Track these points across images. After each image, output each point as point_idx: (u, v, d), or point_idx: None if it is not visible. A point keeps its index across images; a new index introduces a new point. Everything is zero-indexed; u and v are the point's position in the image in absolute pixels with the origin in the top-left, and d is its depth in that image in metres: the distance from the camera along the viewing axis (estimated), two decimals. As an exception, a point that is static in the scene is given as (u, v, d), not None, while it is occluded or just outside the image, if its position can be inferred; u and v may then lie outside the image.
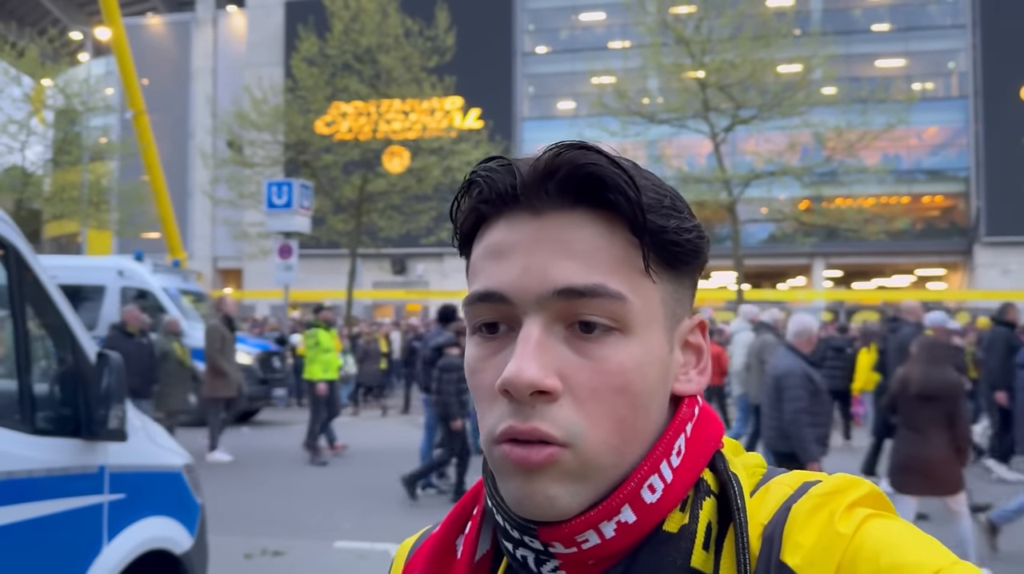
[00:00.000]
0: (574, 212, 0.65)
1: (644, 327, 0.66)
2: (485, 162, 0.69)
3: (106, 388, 3.21)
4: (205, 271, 37.63)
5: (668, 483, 0.66)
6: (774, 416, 5.72)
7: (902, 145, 30.48)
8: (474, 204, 0.69)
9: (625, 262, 0.65)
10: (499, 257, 0.66)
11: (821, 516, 0.63)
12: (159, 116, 33.40)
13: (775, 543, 0.63)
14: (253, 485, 9.23)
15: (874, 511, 0.64)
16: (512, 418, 0.63)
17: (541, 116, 35.51)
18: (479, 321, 0.68)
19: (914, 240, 32.34)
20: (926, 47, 32.82)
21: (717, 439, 0.71)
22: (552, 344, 0.64)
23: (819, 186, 21.30)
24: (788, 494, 0.66)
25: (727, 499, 0.67)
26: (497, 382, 0.63)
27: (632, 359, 0.65)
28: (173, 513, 3.77)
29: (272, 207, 17.56)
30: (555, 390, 0.63)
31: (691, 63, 19.67)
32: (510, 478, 0.65)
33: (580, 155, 0.64)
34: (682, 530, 0.66)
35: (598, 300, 0.64)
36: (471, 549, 0.74)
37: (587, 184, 0.64)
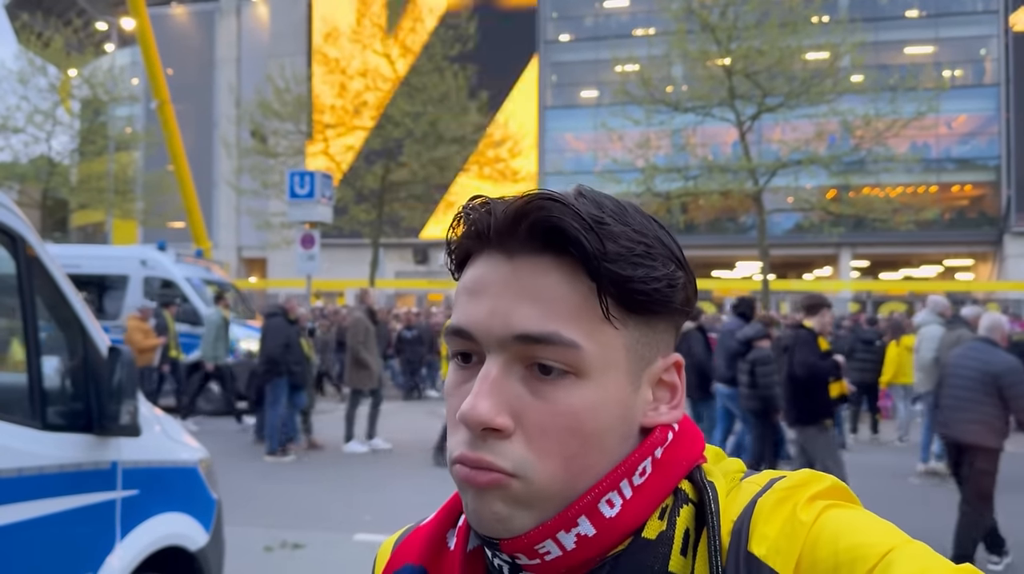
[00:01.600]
0: (541, 257, 0.68)
1: (600, 372, 0.69)
2: (471, 199, 0.73)
3: (118, 382, 3.15)
4: (230, 260, 37.83)
5: (627, 499, 0.69)
6: (982, 410, 5.80)
7: (931, 133, 29.99)
8: (461, 239, 0.73)
9: (585, 309, 0.68)
10: (472, 295, 0.70)
11: (785, 508, 0.66)
12: (183, 106, 33.58)
13: (743, 536, 0.66)
14: (272, 477, 9.22)
15: (834, 502, 0.67)
16: (465, 446, 0.68)
17: (565, 105, 35.31)
18: (454, 350, 0.73)
19: (943, 230, 31.86)
20: (957, 33, 32.24)
21: (695, 457, 0.74)
22: (509, 383, 0.68)
23: (846, 175, 20.93)
24: (755, 491, 0.70)
25: (703, 505, 0.70)
26: (456, 413, 0.68)
27: (584, 402, 0.68)
28: (188, 509, 3.71)
29: (294, 197, 17.54)
30: (505, 428, 0.67)
31: (717, 50, 19.39)
32: (464, 493, 0.69)
33: (546, 204, 0.67)
34: (660, 537, 0.69)
35: (553, 347, 0.67)
36: (464, 541, 0.77)
37: (550, 233, 0.67)
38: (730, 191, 20.19)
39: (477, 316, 0.69)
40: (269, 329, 10.00)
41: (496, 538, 0.68)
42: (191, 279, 14.10)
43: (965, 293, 31.39)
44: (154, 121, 26.32)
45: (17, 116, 26.11)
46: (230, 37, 40.64)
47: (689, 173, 20.85)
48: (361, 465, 9.91)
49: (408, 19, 22.75)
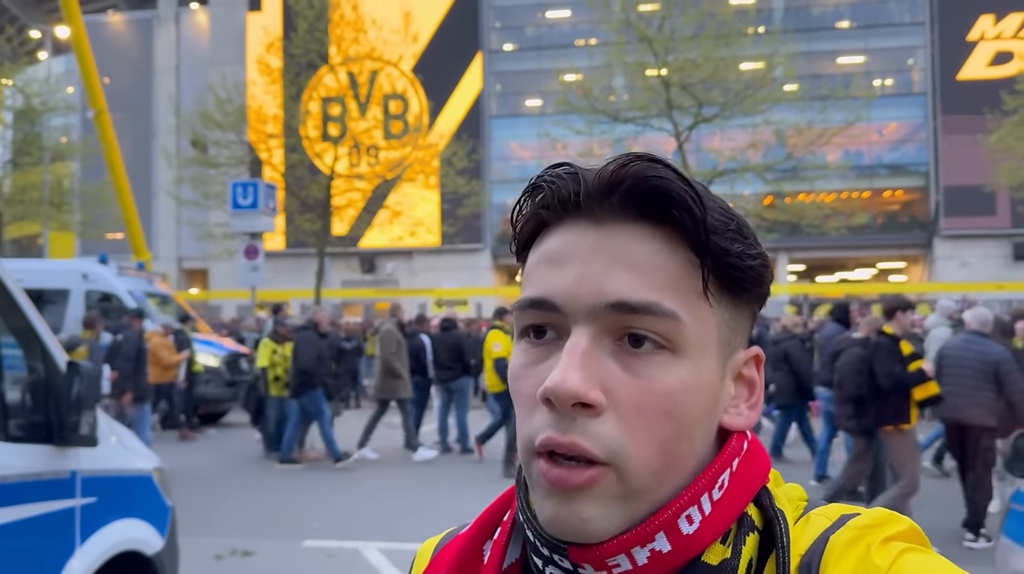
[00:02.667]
0: (635, 225, 0.65)
1: (697, 350, 0.65)
2: (551, 168, 0.68)
3: (76, 395, 3.28)
4: (170, 272, 37.26)
5: (707, 516, 0.64)
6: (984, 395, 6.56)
7: (863, 141, 31.01)
8: (536, 209, 0.68)
9: (683, 281, 0.64)
10: (554, 264, 0.66)
11: (858, 548, 0.62)
12: (121, 115, 33.01)
13: (812, 572, 0.62)
14: (222, 486, 9.26)
15: (911, 545, 0.63)
16: (551, 429, 0.62)
17: (509, 114, 35.62)
18: (527, 324, 0.67)
19: (875, 234, 32.95)
20: (886, 44, 33.40)
21: (764, 475, 0.70)
22: (599, 357, 0.63)
23: (781, 182, 21.65)
24: (826, 526, 0.65)
25: (771, 534, 0.66)
26: (539, 389, 0.62)
27: (681, 382, 0.63)
28: (144, 515, 3.84)
29: (237, 208, 17.49)
30: (598, 404, 0.61)
31: (655, 62, 19.87)
32: (545, 496, 0.63)
33: (648, 167, 0.64)
34: (723, 564, 0.64)
35: (651, 317, 0.62)
36: (499, 556, 0.72)
37: (652, 198, 0.64)
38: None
39: (562, 284, 0.64)
40: (302, 343, 10.20)
41: (571, 543, 0.63)
42: (133, 292, 13.99)
43: (897, 294, 32.51)
44: (91, 131, 25.83)
45: (-53, 126, 25.42)
46: (168, 45, 40.09)
47: (629, 181, 21.29)
48: (308, 474, 9.99)
49: (350, 29, 22.80)
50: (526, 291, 0.67)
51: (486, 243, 34.25)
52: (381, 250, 33.91)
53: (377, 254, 34.30)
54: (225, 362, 14.25)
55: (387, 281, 34.79)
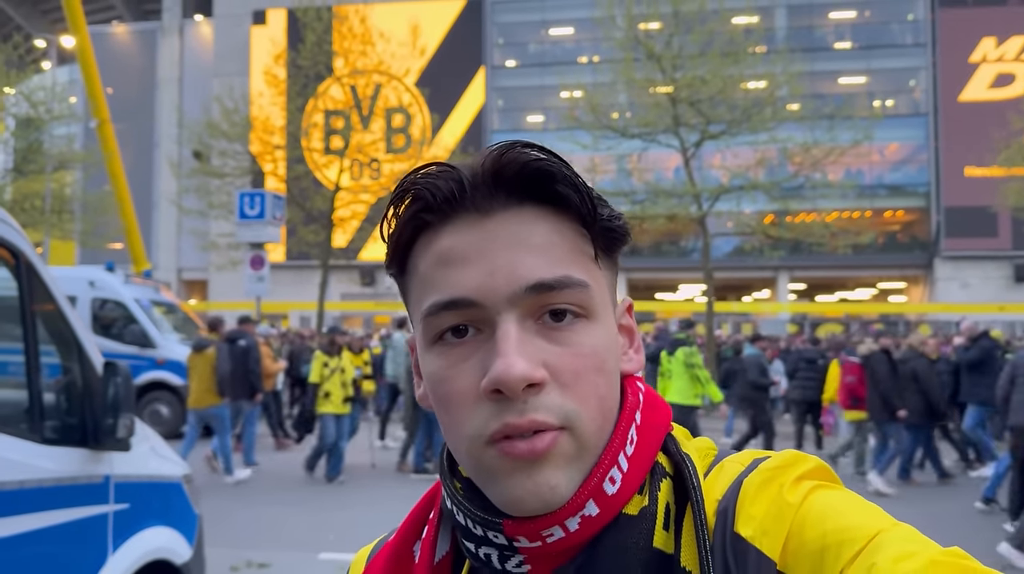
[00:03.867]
0: (522, 209, 0.67)
1: (603, 310, 0.70)
2: (417, 171, 0.69)
3: (113, 397, 3.20)
4: (170, 282, 37.14)
5: (625, 473, 0.68)
6: None
7: (865, 161, 31.11)
8: (415, 213, 0.69)
9: (579, 252, 0.68)
10: (456, 262, 0.67)
11: (771, 488, 0.65)
12: (124, 125, 33.00)
13: (729, 516, 0.66)
14: (237, 497, 9.14)
15: (820, 482, 0.67)
16: (507, 415, 0.64)
17: (511, 129, 35.68)
18: (444, 327, 0.68)
19: (876, 254, 32.97)
20: (887, 65, 33.56)
21: (666, 423, 0.74)
22: (529, 338, 0.66)
23: (785, 200, 21.62)
24: (740, 470, 0.69)
25: (682, 479, 0.69)
26: (484, 382, 0.64)
27: (601, 340, 0.68)
28: (174, 523, 3.75)
29: (244, 218, 17.43)
30: (543, 380, 0.64)
31: (662, 78, 19.90)
32: (509, 476, 0.65)
33: (524, 153, 0.66)
34: (642, 512, 0.68)
35: (567, 291, 0.66)
36: (429, 552, 0.74)
37: (535, 180, 0.66)
38: (675, 215, 20.67)
39: (475, 280, 0.66)
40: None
41: (543, 513, 0.65)
42: (140, 300, 13.89)
43: (898, 315, 32.52)
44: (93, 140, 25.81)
45: (-49, 134, 25.38)
46: (172, 56, 40.15)
47: (635, 197, 21.29)
48: (324, 485, 9.87)
49: (357, 42, 22.83)
50: (434, 296, 0.68)
51: (487, 257, 34.14)
52: (381, 263, 33.69)
53: (377, 267, 34.20)
54: (230, 372, 14.15)
55: (387, 294, 34.68)
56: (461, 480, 0.73)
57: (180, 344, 14.06)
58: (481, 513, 0.68)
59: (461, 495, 0.70)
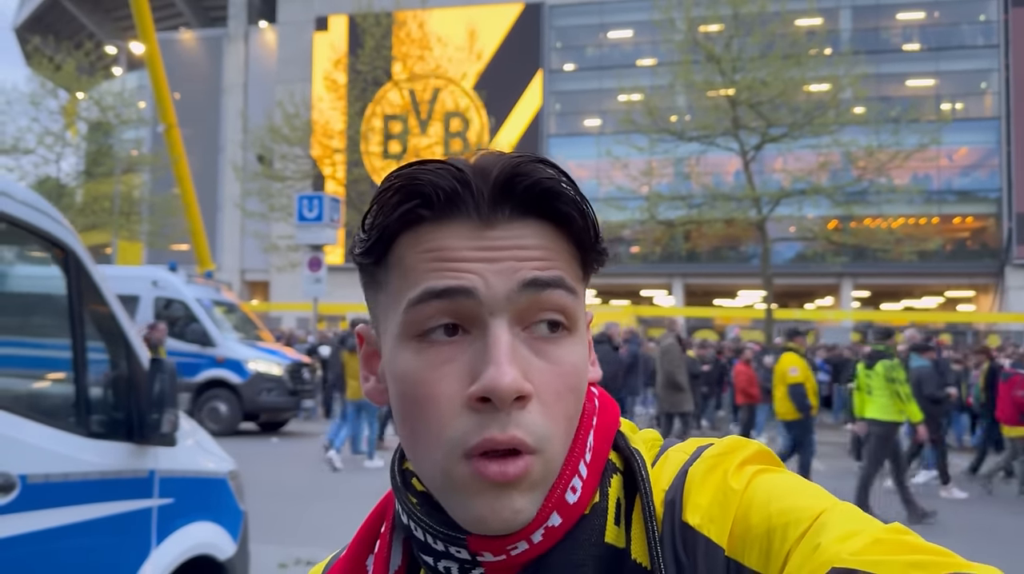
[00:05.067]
0: (525, 221, 0.66)
1: (581, 327, 0.68)
2: (416, 164, 0.66)
3: (159, 393, 3.24)
4: (233, 283, 37.95)
5: (585, 480, 0.67)
6: None
7: (932, 165, 30.25)
8: (411, 207, 0.65)
9: (571, 267, 0.67)
10: (452, 261, 0.64)
11: (715, 475, 0.66)
12: (190, 130, 33.87)
13: (676, 506, 0.66)
14: (287, 494, 9.26)
15: (763, 466, 0.67)
16: (489, 428, 0.61)
17: (568, 133, 35.62)
18: (433, 324, 0.64)
19: (944, 261, 32.01)
20: (958, 67, 32.60)
21: (615, 421, 0.73)
22: (518, 347, 0.63)
23: (849, 205, 21.15)
24: (684, 459, 0.69)
25: (632, 473, 0.69)
26: (474, 388, 0.61)
27: (579, 358, 0.67)
28: (218, 519, 3.79)
29: (303, 220, 17.71)
30: (530, 394, 0.62)
31: (721, 81, 19.66)
32: (476, 496, 0.62)
33: (538, 168, 0.65)
34: (594, 509, 0.67)
35: (559, 292, 0.65)
36: (382, 567, 0.73)
37: (543, 197, 0.65)
38: (734, 219, 20.37)
39: (472, 273, 0.64)
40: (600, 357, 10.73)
41: (497, 534, 0.64)
42: (201, 300, 14.20)
43: (967, 325, 31.51)
44: (161, 144, 26.54)
45: (28, 138, 26.37)
46: (238, 62, 41.07)
47: (692, 201, 21.06)
48: (379, 481, 9.94)
49: (415, 47, 23.05)
50: (424, 284, 0.64)
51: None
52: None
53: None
54: (288, 371, 14.37)
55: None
56: (416, 494, 0.69)
57: (239, 343, 14.34)
58: (443, 529, 0.66)
59: (420, 511, 0.68)
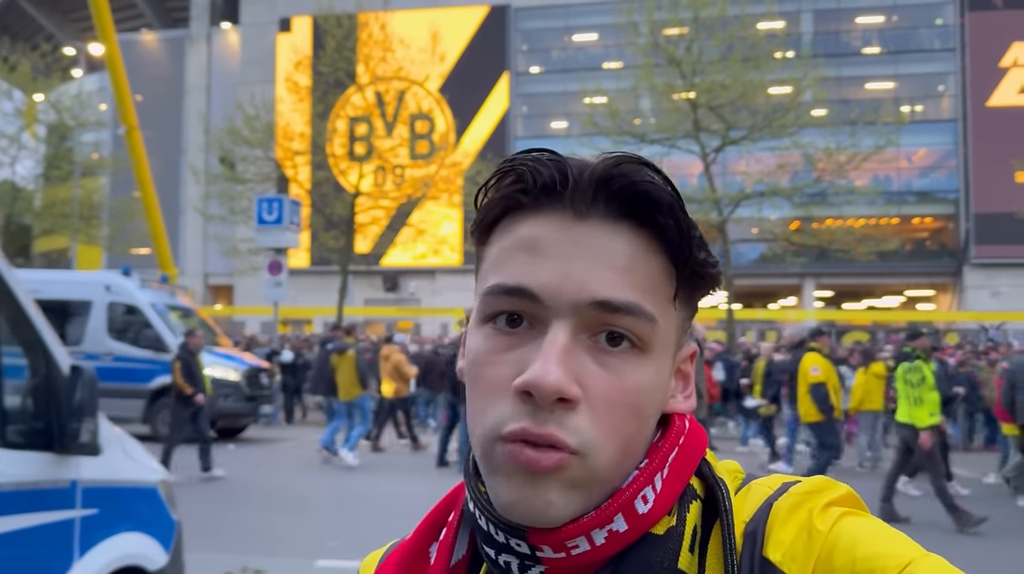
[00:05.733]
0: (618, 225, 0.65)
1: (660, 351, 0.67)
2: (529, 151, 0.67)
3: (79, 401, 3.17)
4: (196, 287, 37.51)
5: (659, 493, 0.66)
6: None
7: (892, 167, 30.64)
8: (511, 191, 0.67)
9: (659, 286, 0.66)
10: (534, 253, 0.65)
11: (800, 514, 0.64)
12: (152, 132, 33.43)
13: (758, 539, 0.64)
14: (237, 502, 9.15)
15: (850, 510, 0.66)
16: (527, 420, 0.62)
17: (534, 135, 35.66)
18: (501, 309, 0.66)
19: (904, 261, 32.48)
20: (916, 70, 33.10)
21: (702, 448, 0.72)
22: (577, 352, 0.64)
23: (809, 207, 21.41)
24: (768, 494, 0.68)
25: (714, 501, 0.68)
26: (517, 381, 0.62)
27: (647, 380, 0.66)
28: (148, 529, 3.72)
29: (262, 223, 17.54)
30: (576, 398, 0.62)
31: (682, 84, 19.78)
32: (508, 478, 0.64)
33: (639, 170, 0.65)
34: (669, 532, 0.66)
35: (631, 317, 0.64)
36: (446, 555, 0.73)
37: (639, 200, 0.64)
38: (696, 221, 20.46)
39: (546, 277, 0.64)
40: None
41: (533, 526, 0.64)
42: (156, 305, 14.00)
43: (926, 323, 31.99)
44: (121, 147, 26.16)
45: (-19, 140, 25.85)
46: (200, 64, 40.60)
47: (655, 203, 21.17)
48: (328, 488, 9.86)
49: (377, 48, 22.94)
50: (500, 277, 0.66)
51: (509, 264, 34.13)
52: (404, 269, 33.96)
53: (400, 273, 34.33)
54: (246, 377, 14.20)
55: (409, 300, 34.79)
56: (484, 483, 0.69)
57: (195, 349, 14.14)
58: (505, 519, 0.65)
59: (485, 499, 0.68)
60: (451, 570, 0.72)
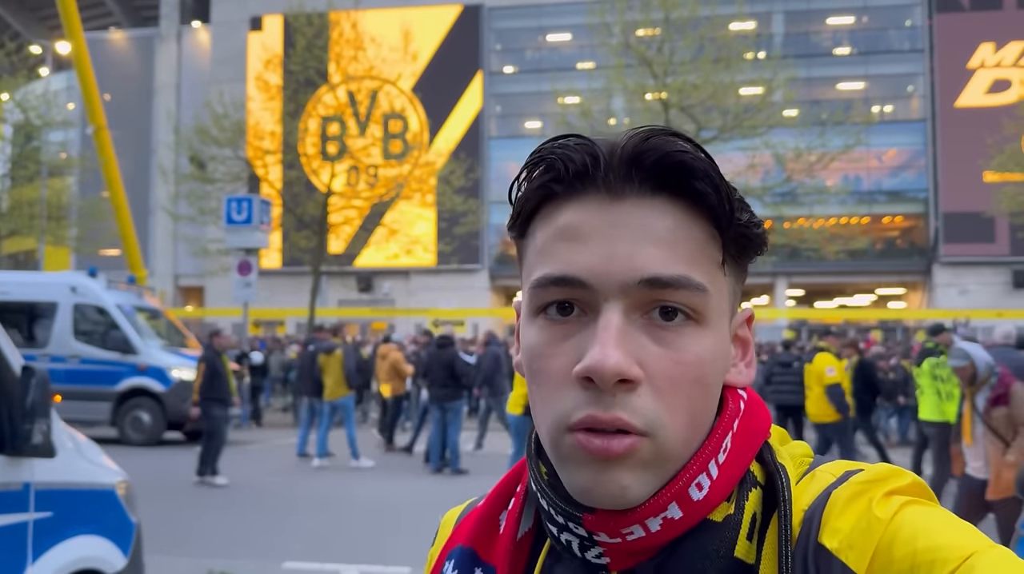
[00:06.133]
0: (655, 199, 0.65)
1: (716, 319, 0.67)
2: (556, 139, 0.67)
3: (31, 402, 3.11)
4: (167, 289, 37.13)
5: (714, 480, 0.66)
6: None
7: (862, 166, 30.98)
8: (545, 182, 0.67)
9: (704, 253, 0.65)
10: (576, 240, 0.65)
11: (860, 502, 0.63)
12: (121, 132, 33.02)
13: (814, 526, 0.64)
14: (202, 504, 9.04)
15: (913, 498, 0.64)
16: (592, 407, 0.62)
17: (508, 135, 35.65)
18: (551, 300, 0.66)
19: (874, 260, 32.83)
20: (886, 71, 33.47)
21: (764, 430, 0.71)
22: (632, 332, 0.63)
23: (780, 206, 21.54)
24: (830, 481, 0.67)
25: (774, 490, 0.67)
26: (577, 368, 0.62)
27: (707, 351, 0.65)
28: (104, 532, 3.65)
29: (232, 223, 17.38)
30: (638, 379, 0.62)
31: (654, 84, 19.86)
32: (581, 467, 0.64)
33: (669, 142, 0.64)
34: (727, 520, 0.66)
35: (682, 291, 0.64)
36: (514, 526, 0.74)
37: (674, 172, 0.64)
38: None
39: (589, 261, 0.64)
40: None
41: (588, 511, 0.65)
42: (123, 306, 13.81)
43: (897, 321, 32.37)
44: (90, 147, 25.78)
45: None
46: (170, 63, 40.17)
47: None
48: (295, 490, 9.77)
49: (349, 47, 22.82)
50: (545, 268, 0.66)
51: (483, 263, 34.13)
52: (378, 269, 33.81)
53: (374, 273, 34.17)
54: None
55: (383, 300, 34.63)
56: (547, 464, 0.70)
57: (162, 350, 13.99)
58: (563, 504, 0.67)
59: (545, 482, 0.69)
60: (518, 542, 0.74)
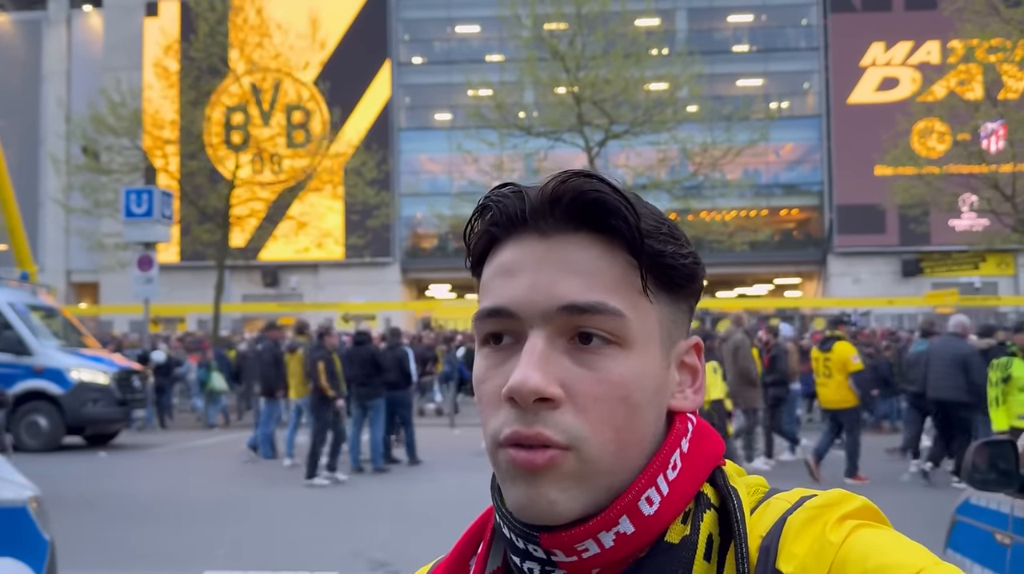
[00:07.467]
0: (577, 235, 0.70)
1: (642, 342, 0.70)
2: (498, 188, 0.74)
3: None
4: (59, 285, 35.32)
5: (665, 496, 0.69)
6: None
7: (761, 160, 31.99)
8: (486, 227, 0.74)
9: (624, 282, 0.70)
10: (508, 275, 0.71)
11: (815, 527, 0.66)
12: (6, 121, 31.31)
13: (771, 553, 0.66)
14: (114, 514, 8.63)
15: (864, 522, 0.67)
16: (518, 423, 0.67)
17: (419, 127, 35.32)
18: (487, 333, 0.72)
19: (773, 251, 33.97)
20: (783, 68, 34.59)
21: (716, 456, 0.75)
22: (555, 356, 0.68)
23: (686, 199, 22.02)
24: (786, 508, 0.69)
25: (727, 512, 0.70)
26: (504, 389, 0.67)
27: (630, 370, 0.69)
28: (16, 553, 3.40)
29: (131, 216, 16.66)
30: (557, 398, 0.67)
31: (566, 78, 19.98)
32: (514, 482, 0.68)
33: (584, 182, 0.69)
34: (683, 541, 0.69)
35: (599, 316, 0.68)
36: (481, 566, 0.76)
37: (590, 209, 0.69)
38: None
39: (516, 292, 0.70)
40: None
41: (544, 525, 0.68)
42: (15, 305, 13.06)
43: (794, 309, 33.60)
44: (-28, 136, 24.33)
45: None
46: (59, 49, 38.19)
47: (540, 196, 21.39)
48: (211, 496, 9.44)
49: (253, 33, 22.15)
50: (484, 302, 0.72)
51: (395, 257, 33.76)
52: (285, 263, 33.05)
53: (280, 267, 33.38)
54: (116, 380, 13.41)
55: (291, 295, 33.87)
56: None
57: (60, 351, 13.31)
58: (521, 525, 0.69)
59: (506, 508, 0.72)
60: None
